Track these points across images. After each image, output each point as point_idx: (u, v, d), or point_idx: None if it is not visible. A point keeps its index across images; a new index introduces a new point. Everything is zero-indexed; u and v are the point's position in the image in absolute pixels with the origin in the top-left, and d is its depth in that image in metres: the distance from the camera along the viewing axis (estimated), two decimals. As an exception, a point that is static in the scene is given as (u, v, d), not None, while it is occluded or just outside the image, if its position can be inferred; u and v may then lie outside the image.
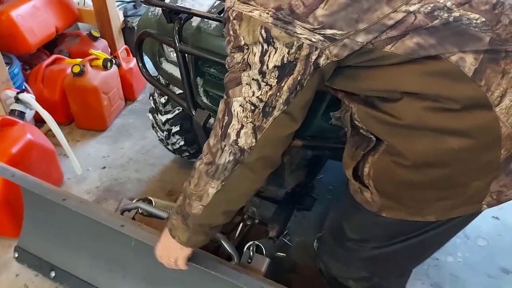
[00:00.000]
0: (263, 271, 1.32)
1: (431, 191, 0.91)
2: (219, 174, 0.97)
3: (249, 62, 0.83)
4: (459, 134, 0.81)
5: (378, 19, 0.75)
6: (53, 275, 1.67)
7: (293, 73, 0.81)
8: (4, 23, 2.41)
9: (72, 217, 1.51)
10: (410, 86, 0.81)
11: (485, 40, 0.76)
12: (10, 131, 1.95)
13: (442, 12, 0.75)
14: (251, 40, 0.81)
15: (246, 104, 0.87)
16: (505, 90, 0.78)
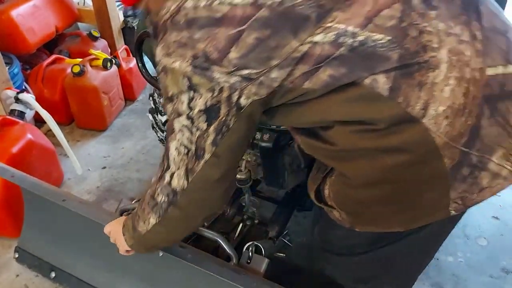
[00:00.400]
0: (262, 271, 1.32)
1: (385, 207, 0.92)
2: (156, 209, 1.02)
3: (179, 110, 0.87)
4: (392, 151, 0.82)
5: (288, 54, 0.77)
6: (53, 275, 1.68)
7: (219, 115, 0.84)
8: (4, 23, 2.42)
9: (72, 218, 1.51)
10: (336, 115, 0.83)
11: (393, 58, 0.76)
12: (10, 131, 1.95)
13: (346, 38, 0.75)
14: (176, 90, 0.85)
15: (180, 147, 0.91)
16: (426, 101, 0.78)
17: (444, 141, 0.80)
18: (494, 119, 0.82)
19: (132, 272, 1.48)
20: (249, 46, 0.77)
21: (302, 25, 0.76)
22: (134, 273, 1.48)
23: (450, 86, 0.78)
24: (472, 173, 0.84)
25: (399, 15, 0.77)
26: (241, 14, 0.77)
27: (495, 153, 0.83)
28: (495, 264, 1.84)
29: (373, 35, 0.76)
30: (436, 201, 0.88)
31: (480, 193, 0.86)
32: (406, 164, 0.83)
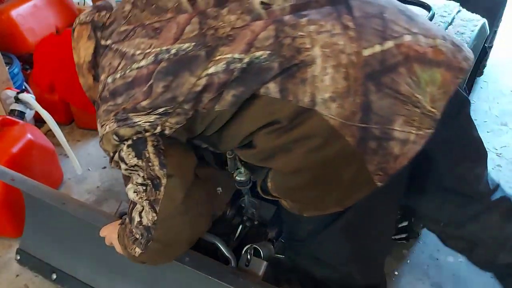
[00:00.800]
0: (261, 274, 1.31)
1: (314, 190, 1.01)
2: (138, 244, 1.09)
3: (121, 162, 1.02)
4: (300, 140, 0.93)
5: (189, 90, 0.92)
6: (54, 277, 1.68)
7: (148, 143, 0.97)
8: (4, 23, 2.42)
9: (72, 220, 1.52)
10: (252, 126, 0.96)
11: (275, 67, 0.90)
12: (10, 131, 1.95)
13: (235, 64, 0.90)
14: (112, 149, 1.02)
15: (137, 188, 1.03)
16: (312, 93, 0.90)
17: (339, 122, 0.90)
18: (382, 92, 0.91)
19: (132, 274, 1.49)
20: (158, 93, 0.93)
21: (195, 63, 0.92)
22: (134, 276, 1.49)
23: (329, 74, 0.90)
24: (380, 145, 0.92)
25: (274, 33, 0.91)
26: (147, 72, 0.94)
27: (395, 122, 0.92)
28: (495, 264, 1.84)
29: (256, 54, 0.90)
30: (357, 177, 0.96)
31: (397, 161, 0.93)
32: (315, 149, 0.93)
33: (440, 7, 1.83)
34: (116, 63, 0.99)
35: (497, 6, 2.55)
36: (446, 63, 0.97)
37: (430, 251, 1.90)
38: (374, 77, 0.91)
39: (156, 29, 0.97)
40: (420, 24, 1.01)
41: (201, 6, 0.98)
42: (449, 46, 1.00)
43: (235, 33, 0.92)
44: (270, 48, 0.90)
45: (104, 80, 1.01)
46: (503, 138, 2.48)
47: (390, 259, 1.87)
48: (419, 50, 0.96)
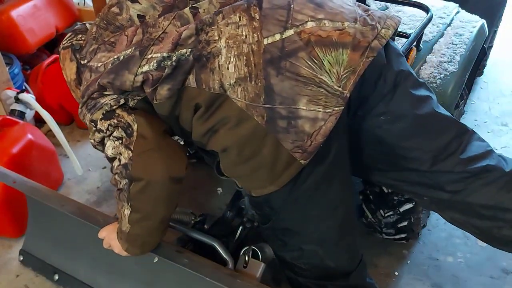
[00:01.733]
0: (258, 276, 1.32)
1: (244, 168, 1.10)
2: (123, 196, 1.17)
3: (98, 132, 1.17)
4: (220, 123, 1.05)
5: (130, 85, 1.07)
6: (57, 278, 1.68)
7: (116, 109, 1.13)
8: (4, 23, 2.42)
9: (73, 222, 1.52)
10: (186, 115, 1.11)
11: (190, 58, 1.04)
12: (10, 131, 1.96)
13: (165, 62, 1.05)
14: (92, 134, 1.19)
15: (114, 143, 1.13)
16: (220, 80, 1.04)
17: (246, 104, 1.03)
18: (282, 75, 1.02)
19: (132, 276, 1.49)
20: (109, 85, 1.10)
21: (131, 62, 1.07)
22: (134, 277, 1.49)
23: (232, 63, 1.03)
24: (289, 123, 1.02)
25: (194, 32, 1.06)
26: (98, 76, 1.12)
27: (298, 101, 1.02)
28: (495, 264, 1.84)
29: (181, 52, 1.05)
30: (277, 155, 1.04)
31: (312, 138, 1.03)
32: (232, 128, 1.04)
33: (439, 9, 1.83)
34: (88, 76, 1.18)
35: (497, 6, 2.55)
36: (353, 43, 1.05)
37: (430, 251, 1.90)
38: (274, 62, 1.03)
39: (112, 43, 1.17)
40: (328, 9, 1.10)
41: (147, 19, 1.16)
42: (359, 27, 1.08)
43: (164, 35, 1.08)
44: (191, 45, 1.05)
45: (81, 90, 1.20)
46: (503, 139, 2.48)
47: (390, 259, 1.87)
48: (322, 35, 1.05)
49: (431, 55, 1.41)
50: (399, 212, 1.66)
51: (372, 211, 1.74)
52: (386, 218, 1.69)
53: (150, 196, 1.15)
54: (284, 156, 1.04)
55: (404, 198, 1.62)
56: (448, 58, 1.43)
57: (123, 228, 1.22)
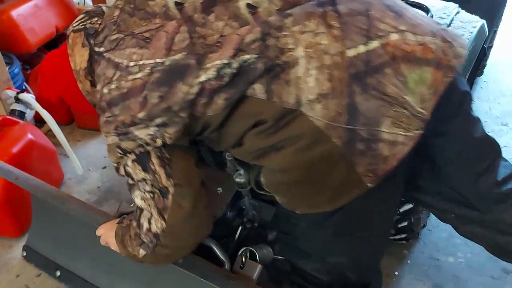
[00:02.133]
0: (255, 278, 1.31)
1: (304, 189, 1.02)
2: (144, 247, 1.12)
3: (126, 172, 1.05)
4: (287, 141, 0.94)
5: (183, 99, 0.94)
6: (58, 274, 1.69)
7: (152, 155, 1.00)
8: (5, 23, 2.42)
9: (73, 220, 1.52)
10: (241, 127, 0.98)
11: (260, 67, 0.91)
12: (10, 131, 1.95)
13: (225, 70, 0.91)
14: (116, 160, 1.05)
15: (145, 194, 1.04)
16: (297, 94, 0.90)
17: (325, 123, 0.90)
18: (367, 94, 0.90)
19: (132, 274, 1.49)
20: (154, 104, 0.95)
21: (186, 72, 0.93)
22: (134, 275, 1.49)
23: (312, 76, 0.90)
24: (368, 146, 0.92)
25: (260, 36, 0.92)
26: (141, 83, 0.95)
27: (382, 123, 0.91)
28: (495, 264, 1.83)
29: (244, 57, 0.91)
30: (347, 178, 0.95)
31: (387, 162, 0.93)
32: (303, 149, 0.93)
33: (439, 9, 1.83)
34: (110, 74, 1.00)
35: (497, 6, 2.55)
36: (436, 61, 0.96)
37: (430, 251, 1.90)
38: (359, 78, 0.90)
39: (146, 39, 0.98)
40: (408, 20, 0.99)
41: (188, 11, 0.97)
42: (439, 43, 0.98)
43: (223, 40, 0.93)
44: (256, 50, 0.91)
45: (100, 90, 1.02)
46: (503, 139, 2.47)
47: (390, 259, 1.87)
48: (407, 49, 0.94)
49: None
50: (399, 213, 1.66)
51: (373, 211, 1.74)
52: (386, 218, 1.70)
53: (172, 257, 1.18)
54: (353, 179, 0.95)
55: (404, 198, 1.62)
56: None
57: (129, 248, 1.18)
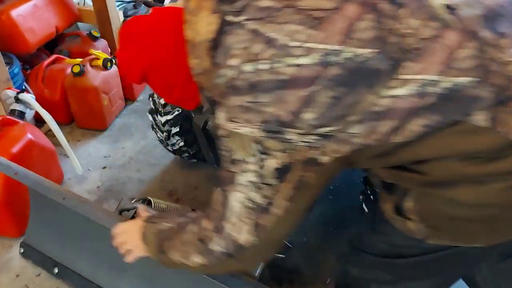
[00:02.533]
0: (257, 275, 1.31)
1: (483, 225, 0.88)
2: (208, 255, 0.96)
3: (245, 168, 0.84)
4: (499, 175, 0.79)
5: (366, 109, 0.75)
6: (56, 271, 1.69)
7: (293, 173, 0.82)
8: (4, 23, 2.41)
9: (73, 216, 1.52)
10: (431, 153, 0.80)
11: (487, 96, 0.74)
12: (10, 131, 1.95)
13: (430, 88, 0.73)
14: (244, 154, 0.83)
15: (246, 201, 0.86)
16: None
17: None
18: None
19: (132, 270, 1.49)
20: (326, 105, 0.74)
21: (375, 78, 0.74)
22: (135, 271, 1.49)
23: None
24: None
25: (475, 53, 0.74)
26: (310, 75, 0.74)
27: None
28: (495, 264, 1.84)
29: (458, 80, 0.73)
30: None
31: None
32: (509, 187, 0.79)
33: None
34: (257, 49, 0.77)
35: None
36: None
37: (430, 251, 1.90)
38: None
39: (316, 19, 0.75)
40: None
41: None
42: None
43: (424, 45, 0.74)
44: (475, 73, 0.74)
45: (237, 66, 0.79)
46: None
47: (390, 259, 1.87)
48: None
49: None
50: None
51: (373, 210, 1.74)
52: (386, 218, 1.69)
53: (238, 269, 1.04)
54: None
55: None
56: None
57: (171, 255, 1.03)
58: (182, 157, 2.21)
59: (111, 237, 1.25)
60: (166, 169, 2.35)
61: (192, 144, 2.09)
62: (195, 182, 2.25)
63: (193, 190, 2.21)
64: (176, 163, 2.38)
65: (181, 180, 2.28)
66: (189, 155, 2.17)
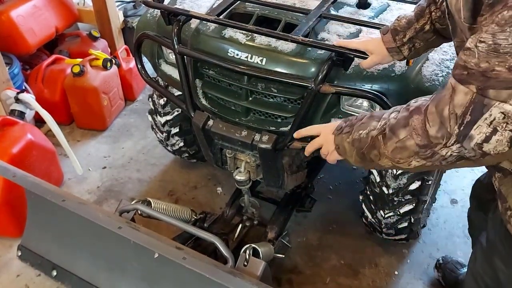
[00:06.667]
0: (259, 274, 1.31)
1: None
2: (434, 160, 0.89)
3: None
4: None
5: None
6: (55, 273, 1.68)
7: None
8: (4, 23, 2.42)
9: (72, 218, 1.52)
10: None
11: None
12: (10, 131, 1.96)
13: None
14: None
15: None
16: None
17: None
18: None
19: (132, 271, 1.49)
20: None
21: None
22: (134, 273, 1.49)
23: None
24: None
25: None
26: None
27: None
28: (494, 264, 1.84)
29: None
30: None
31: None
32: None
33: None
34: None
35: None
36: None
37: (430, 250, 1.91)
38: None
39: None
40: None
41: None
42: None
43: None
44: None
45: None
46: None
47: (390, 258, 1.88)
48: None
49: (433, 53, 1.41)
50: (399, 213, 1.66)
51: (373, 211, 1.74)
52: (386, 218, 1.70)
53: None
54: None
55: (405, 199, 1.63)
56: (450, 56, 1.42)
57: (379, 161, 0.98)
58: (182, 157, 2.21)
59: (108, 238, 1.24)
60: (166, 169, 2.36)
61: (191, 144, 2.09)
62: (195, 182, 2.25)
63: (193, 190, 2.21)
64: (175, 163, 2.39)
65: (181, 180, 2.28)
66: (188, 155, 2.18)
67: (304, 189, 1.91)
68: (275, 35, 1.29)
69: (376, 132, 0.97)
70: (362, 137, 1.01)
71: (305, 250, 1.90)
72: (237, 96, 1.45)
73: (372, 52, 1.19)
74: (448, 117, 0.82)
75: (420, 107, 0.90)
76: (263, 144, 1.39)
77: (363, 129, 1.01)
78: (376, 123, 0.98)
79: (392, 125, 0.95)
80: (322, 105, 1.37)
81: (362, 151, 1.01)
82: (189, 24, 1.50)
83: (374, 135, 0.98)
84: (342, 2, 1.58)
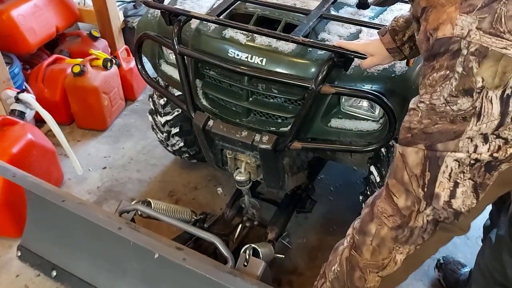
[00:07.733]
0: (259, 274, 1.31)
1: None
2: (414, 238, 0.87)
3: (483, 112, 0.68)
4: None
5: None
6: (54, 274, 1.68)
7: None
8: (5, 23, 2.42)
9: (72, 218, 1.52)
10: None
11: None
12: (10, 131, 1.95)
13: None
14: (494, 84, 0.66)
15: (466, 159, 0.73)
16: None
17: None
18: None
19: (131, 272, 1.49)
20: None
21: None
22: (133, 273, 1.49)
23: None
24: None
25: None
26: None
27: None
28: (495, 265, 1.84)
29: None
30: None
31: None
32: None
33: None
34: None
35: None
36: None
37: (430, 251, 1.90)
38: None
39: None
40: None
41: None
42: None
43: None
44: None
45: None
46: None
47: (390, 259, 1.87)
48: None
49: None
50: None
51: (373, 211, 1.74)
52: (386, 218, 1.69)
53: (446, 240, 0.94)
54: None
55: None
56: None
57: (373, 280, 0.98)
58: (182, 157, 2.21)
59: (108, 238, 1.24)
60: (166, 170, 2.35)
61: (192, 144, 2.09)
62: (195, 183, 2.25)
63: (193, 191, 2.21)
64: (176, 163, 2.38)
65: (181, 180, 2.27)
66: (189, 156, 2.17)
67: (305, 190, 1.91)
68: (275, 36, 1.29)
69: (347, 250, 0.98)
70: (337, 270, 1.01)
71: (305, 251, 1.90)
72: (238, 97, 1.45)
73: (373, 54, 1.20)
74: (409, 180, 0.82)
75: (378, 194, 0.92)
76: (264, 145, 1.39)
77: (333, 264, 1.02)
78: (342, 246, 1.01)
79: (359, 229, 0.96)
80: (322, 106, 1.37)
81: (345, 283, 1.01)
82: (189, 25, 1.50)
83: (347, 255, 0.99)
84: (342, 3, 1.57)
